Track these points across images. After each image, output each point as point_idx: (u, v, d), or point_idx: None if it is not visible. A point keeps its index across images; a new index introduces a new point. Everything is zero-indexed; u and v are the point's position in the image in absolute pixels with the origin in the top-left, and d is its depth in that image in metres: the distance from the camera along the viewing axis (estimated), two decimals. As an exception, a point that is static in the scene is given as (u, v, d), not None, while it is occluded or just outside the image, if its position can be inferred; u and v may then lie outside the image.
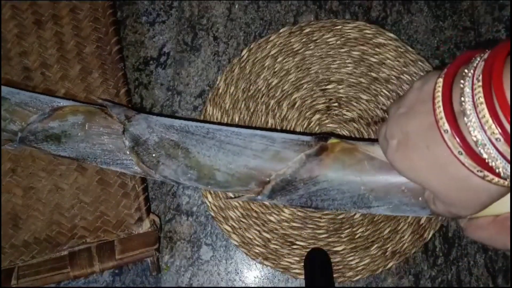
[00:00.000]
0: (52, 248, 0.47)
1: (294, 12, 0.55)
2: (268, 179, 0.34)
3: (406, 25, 0.54)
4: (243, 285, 0.50)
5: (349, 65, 0.52)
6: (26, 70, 0.52)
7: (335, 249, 0.49)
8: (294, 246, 0.49)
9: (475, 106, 0.22)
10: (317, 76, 0.52)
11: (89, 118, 0.40)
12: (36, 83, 0.51)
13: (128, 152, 0.38)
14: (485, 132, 0.22)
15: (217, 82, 0.52)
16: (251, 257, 0.49)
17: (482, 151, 0.22)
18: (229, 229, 0.49)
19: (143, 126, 0.38)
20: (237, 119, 0.51)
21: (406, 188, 0.30)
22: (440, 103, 0.24)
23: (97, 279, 0.50)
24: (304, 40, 0.53)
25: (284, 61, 0.52)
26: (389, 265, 0.49)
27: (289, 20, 0.55)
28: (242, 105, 0.52)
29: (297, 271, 0.49)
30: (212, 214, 0.50)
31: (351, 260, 0.49)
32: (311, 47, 0.52)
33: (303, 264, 0.48)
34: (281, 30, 0.53)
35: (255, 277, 0.50)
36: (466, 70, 0.23)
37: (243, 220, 0.50)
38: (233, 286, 0.50)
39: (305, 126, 0.51)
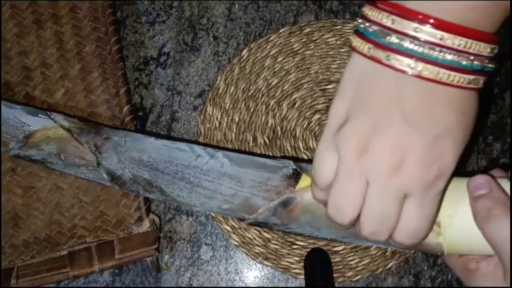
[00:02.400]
0: (51, 247, 0.47)
1: (294, 12, 0.55)
2: (243, 218, 0.35)
3: (406, 25, 0.54)
4: (243, 285, 0.50)
5: (349, 65, 0.52)
6: (26, 69, 0.52)
7: (335, 249, 0.49)
8: (294, 246, 0.49)
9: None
10: (317, 76, 0.52)
11: (62, 147, 0.40)
12: (35, 83, 0.51)
13: (109, 184, 0.38)
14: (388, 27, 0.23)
15: (217, 82, 0.52)
16: (251, 257, 0.49)
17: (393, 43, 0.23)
18: (229, 229, 0.49)
19: (115, 160, 0.38)
20: (237, 119, 0.51)
21: None
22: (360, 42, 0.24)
23: (97, 279, 0.50)
24: (304, 40, 0.53)
25: (284, 61, 0.52)
26: (389, 265, 0.49)
27: (289, 20, 0.55)
28: (242, 105, 0.52)
29: (297, 271, 0.49)
30: (212, 214, 0.50)
31: (351, 260, 0.49)
32: (311, 47, 0.52)
33: (303, 264, 0.48)
34: (281, 30, 0.53)
35: (255, 277, 0.50)
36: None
37: (243, 220, 0.50)
38: (233, 286, 0.50)
39: (305, 126, 0.51)
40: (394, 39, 0.22)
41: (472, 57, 0.23)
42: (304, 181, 0.32)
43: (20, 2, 0.53)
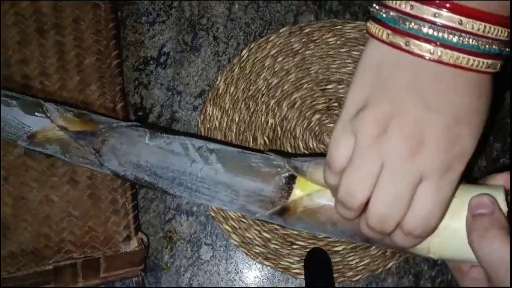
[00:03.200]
0: (38, 261, 0.47)
1: (294, 12, 0.55)
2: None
3: (406, 25, 0.54)
4: (243, 285, 0.50)
5: (349, 65, 0.52)
6: (25, 78, 0.51)
7: (335, 249, 0.49)
8: (294, 246, 0.49)
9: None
10: (317, 76, 0.52)
11: (65, 148, 0.40)
12: (34, 92, 0.51)
13: (115, 177, 0.39)
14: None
15: (217, 82, 0.52)
16: (251, 257, 0.49)
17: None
18: (229, 229, 0.49)
19: (115, 163, 0.38)
20: (237, 119, 0.51)
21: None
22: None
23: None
24: (304, 40, 0.53)
25: (284, 61, 0.52)
26: (389, 265, 0.49)
27: (289, 20, 0.55)
28: (242, 105, 0.52)
29: (297, 271, 0.49)
30: (212, 214, 0.50)
31: (351, 260, 0.49)
32: (311, 47, 0.52)
33: (303, 264, 0.48)
34: (281, 30, 0.53)
35: (255, 277, 0.50)
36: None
37: (243, 220, 0.50)
38: (233, 286, 0.50)
39: (305, 126, 0.51)
40: (413, 24, 0.22)
41: (490, 41, 0.23)
42: (297, 191, 0.32)
43: (25, 10, 0.53)
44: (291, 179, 0.33)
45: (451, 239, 0.27)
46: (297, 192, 0.32)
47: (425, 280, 0.50)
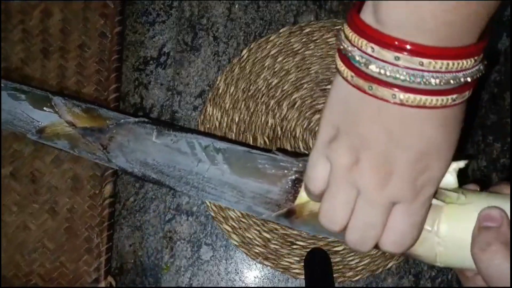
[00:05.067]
0: None
1: (294, 12, 0.55)
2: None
3: (406, 25, 0.54)
4: (243, 285, 0.50)
5: (349, 65, 0.52)
6: None
7: (335, 249, 0.49)
8: (294, 246, 0.49)
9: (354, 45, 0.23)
10: (317, 76, 0.52)
11: (73, 144, 0.40)
12: None
13: (124, 173, 0.39)
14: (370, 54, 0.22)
15: (217, 82, 0.52)
16: (251, 257, 0.49)
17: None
18: (229, 229, 0.49)
19: (123, 160, 0.38)
20: (237, 119, 0.51)
21: None
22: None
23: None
24: (304, 40, 0.53)
25: (284, 61, 0.52)
26: (389, 265, 0.49)
27: (289, 20, 0.55)
28: (242, 105, 0.52)
29: (297, 271, 0.49)
30: (212, 214, 0.50)
31: (351, 260, 0.49)
32: (311, 47, 0.52)
33: (303, 264, 0.48)
34: (281, 30, 0.53)
35: (255, 277, 0.50)
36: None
37: (243, 220, 0.50)
38: (233, 286, 0.50)
39: (305, 126, 0.51)
40: (374, 68, 0.22)
41: (454, 75, 0.22)
42: (303, 195, 0.32)
43: (33, 28, 0.53)
44: (297, 182, 0.33)
45: (457, 249, 0.27)
46: (303, 195, 0.32)
47: (425, 280, 0.50)
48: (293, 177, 0.33)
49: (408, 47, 0.21)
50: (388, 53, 0.22)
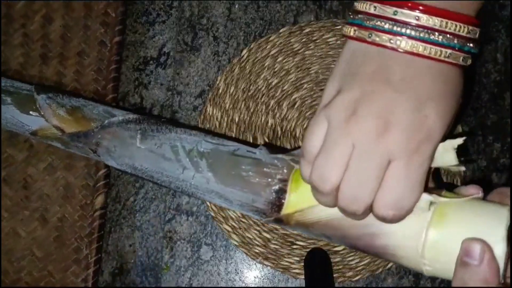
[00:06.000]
0: None
1: (294, 12, 0.55)
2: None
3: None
4: (243, 285, 0.50)
5: (349, 65, 0.52)
6: None
7: (335, 249, 0.49)
8: (294, 246, 0.49)
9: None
10: (317, 76, 0.52)
11: (66, 146, 0.40)
12: None
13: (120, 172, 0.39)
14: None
15: (217, 82, 0.52)
16: (251, 257, 0.49)
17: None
18: (229, 229, 0.49)
19: (114, 163, 0.38)
20: (237, 119, 0.51)
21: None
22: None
23: (97, 279, 0.50)
24: (304, 40, 0.53)
25: (284, 61, 0.52)
26: (389, 265, 0.49)
27: (289, 20, 0.55)
28: (242, 105, 0.52)
29: (297, 271, 0.49)
30: (212, 214, 0.50)
31: (351, 260, 0.49)
32: (311, 47, 0.52)
33: (303, 264, 0.48)
34: (281, 30, 0.53)
35: (255, 277, 0.50)
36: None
37: (243, 220, 0.50)
38: (233, 286, 0.50)
39: (305, 126, 0.51)
40: (376, 22, 0.26)
41: (449, 36, 0.25)
42: (288, 207, 0.32)
43: (34, 33, 0.53)
44: (281, 194, 0.32)
45: (444, 271, 0.27)
46: (288, 208, 0.32)
47: (425, 280, 0.50)
48: (277, 187, 0.32)
49: (409, 4, 0.25)
50: (389, 8, 0.25)
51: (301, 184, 0.31)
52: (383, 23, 0.25)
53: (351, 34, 0.27)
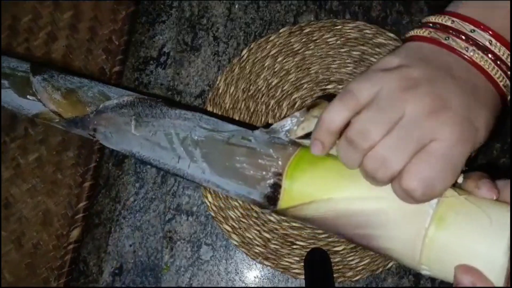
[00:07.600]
0: None
1: (294, 12, 0.55)
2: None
3: (406, 25, 0.54)
4: (243, 285, 0.50)
5: (349, 65, 0.52)
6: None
7: (335, 249, 0.49)
8: (294, 246, 0.49)
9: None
10: (317, 76, 0.52)
11: (68, 128, 0.40)
12: None
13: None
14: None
15: (217, 82, 0.52)
16: (251, 257, 0.49)
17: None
18: (229, 229, 0.49)
19: (113, 148, 0.38)
20: (237, 119, 0.51)
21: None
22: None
23: (96, 279, 0.50)
24: (304, 40, 0.53)
25: (284, 61, 0.52)
26: (389, 265, 0.49)
27: (289, 20, 0.55)
28: (242, 105, 0.52)
29: (297, 271, 0.49)
30: (212, 214, 0.50)
31: (351, 260, 0.49)
32: (311, 47, 0.52)
33: (303, 264, 0.48)
34: (281, 30, 0.53)
35: (255, 277, 0.50)
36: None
37: (243, 220, 0.50)
38: (233, 286, 0.50)
39: (305, 126, 0.51)
40: (452, 31, 0.27)
41: (505, 68, 0.27)
42: (283, 203, 0.31)
43: (37, 49, 0.53)
44: (276, 188, 0.32)
45: (443, 274, 0.27)
46: (283, 204, 0.32)
47: (425, 280, 0.50)
48: (272, 181, 0.32)
49: (482, 26, 0.26)
50: (467, 25, 0.27)
51: (297, 179, 0.31)
52: (460, 34, 0.27)
53: (425, 34, 0.27)
